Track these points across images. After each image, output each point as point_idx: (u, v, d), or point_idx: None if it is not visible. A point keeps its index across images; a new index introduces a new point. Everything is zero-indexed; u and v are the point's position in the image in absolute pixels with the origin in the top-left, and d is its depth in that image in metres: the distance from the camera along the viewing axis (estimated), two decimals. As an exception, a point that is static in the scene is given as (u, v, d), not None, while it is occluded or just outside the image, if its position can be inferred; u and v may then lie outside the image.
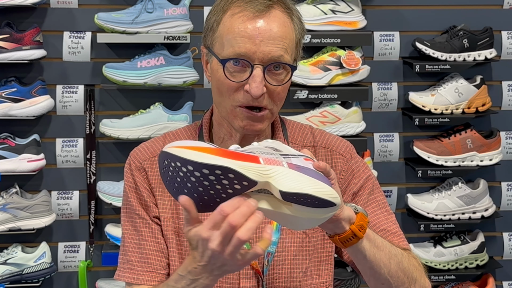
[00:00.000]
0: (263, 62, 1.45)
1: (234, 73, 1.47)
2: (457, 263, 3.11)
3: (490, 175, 3.20)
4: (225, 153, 1.18)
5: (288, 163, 1.24)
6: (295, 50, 1.52)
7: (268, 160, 1.22)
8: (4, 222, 2.85)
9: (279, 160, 1.23)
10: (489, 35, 3.07)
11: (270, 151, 1.25)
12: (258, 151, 1.24)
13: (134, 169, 1.61)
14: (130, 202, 1.62)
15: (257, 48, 1.44)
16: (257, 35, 1.44)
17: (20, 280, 2.87)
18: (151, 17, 2.88)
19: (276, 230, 1.56)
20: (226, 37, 1.47)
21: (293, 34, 1.51)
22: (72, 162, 3.03)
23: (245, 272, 1.55)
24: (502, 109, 3.21)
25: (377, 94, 3.14)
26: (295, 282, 1.58)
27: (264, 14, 1.46)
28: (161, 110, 2.91)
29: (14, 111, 2.86)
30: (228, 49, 1.46)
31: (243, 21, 1.46)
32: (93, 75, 3.00)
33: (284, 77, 1.48)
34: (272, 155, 1.24)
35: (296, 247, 1.58)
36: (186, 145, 1.19)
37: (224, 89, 1.49)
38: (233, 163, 1.17)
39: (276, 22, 1.47)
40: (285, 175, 1.22)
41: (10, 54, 2.85)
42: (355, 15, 2.99)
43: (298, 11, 1.55)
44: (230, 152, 1.20)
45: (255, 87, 1.44)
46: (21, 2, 2.82)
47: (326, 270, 1.62)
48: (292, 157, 1.26)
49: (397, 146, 3.17)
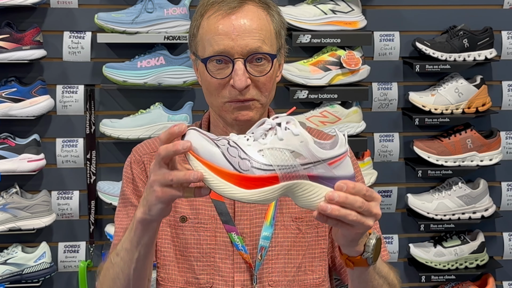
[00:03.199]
0: (243, 55, 1.50)
1: (217, 71, 1.52)
2: (457, 263, 3.11)
3: (490, 175, 3.20)
4: (244, 182, 1.21)
5: (309, 174, 1.23)
6: (275, 41, 1.56)
7: (287, 176, 1.22)
8: (4, 222, 2.85)
9: (299, 172, 1.23)
10: (489, 35, 3.07)
11: (289, 159, 1.23)
12: (274, 159, 1.22)
13: (133, 162, 1.66)
14: (125, 192, 1.66)
15: (234, 43, 1.49)
16: (232, 31, 1.50)
17: (20, 280, 2.87)
18: (151, 17, 2.88)
19: (269, 225, 1.59)
20: (205, 39, 1.53)
21: (270, 26, 1.55)
22: (72, 162, 3.03)
23: (238, 266, 1.58)
24: (502, 109, 3.21)
25: (377, 94, 3.14)
26: (288, 276, 1.60)
27: (237, 10, 1.52)
28: (161, 110, 2.91)
29: (14, 111, 2.86)
30: (208, 49, 1.52)
31: (218, 20, 1.51)
32: (93, 75, 3.00)
33: (266, 67, 1.53)
34: (291, 168, 1.23)
35: (290, 242, 1.61)
36: (200, 155, 1.21)
37: (212, 88, 1.54)
38: (253, 195, 1.21)
39: (250, 16, 1.52)
40: (304, 191, 1.24)
41: (10, 54, 2.85)
42: (355, 15, 2.99)
43: (276, 6, 1.60)
44: (249, 178, 1.21)
45: (238, 80, 1.49)
46: (21, 2, 2.82)
47: (320, 266, 1.64)
48: (315, 165, 1.24)
49: (397, 146, 3.17)
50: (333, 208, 1.20)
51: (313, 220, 1.62)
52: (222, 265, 1.58)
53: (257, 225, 1.59)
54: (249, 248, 1.58)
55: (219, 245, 1.59)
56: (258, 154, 1.22)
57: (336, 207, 1.20)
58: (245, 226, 1.59)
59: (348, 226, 1.24)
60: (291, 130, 1.23)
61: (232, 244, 1.58)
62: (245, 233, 1.59)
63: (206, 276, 1.59)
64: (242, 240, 1.58)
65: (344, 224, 1.24)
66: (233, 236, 1.58)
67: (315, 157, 1.22)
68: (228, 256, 1.59)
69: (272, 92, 1.57)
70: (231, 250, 1.59)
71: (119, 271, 1.43)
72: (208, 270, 1.59)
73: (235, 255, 1.58)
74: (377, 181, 3.05)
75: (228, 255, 1.59)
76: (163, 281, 1.63)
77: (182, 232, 1.60)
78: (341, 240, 1.33)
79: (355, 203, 1.21)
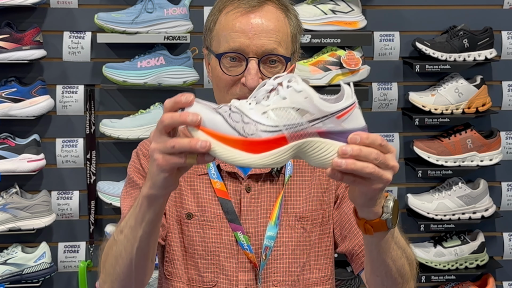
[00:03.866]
0: (257, 55, 1.49)
1: (230, 68, 1.52)
2: (457, 263, 3.11)
3: (490, 175, 3.20)
4: (251, 146, 1.15)
5: (318, 131, 1.17)
6: (290, 44, 1.56)
7: (295, 135, 1.16)
8: (4, 222, 2.85)
9: (307, 130, 1.17)
10: (489, 35, 3.07)
11: (295, 117, 1.16)
12: (279, 119, 1.16)
13: (141, 155, 1.66)
14: (133, 179, 1.63)
15: (250, 42, 1.49)
16: (250, 29, 1.49)
17: (20, 280, 2.87)
18: (151, 17, 2.88)
19: (274, 225, 1.58)
20: (221, 34, 1.52)
21: (287, 29, 1.55)
22: (72, 162, 3.03)
23: (243, 265, 1.58)
24: (502, 109, 3.21)
25: (377, 94, 3.14)
26: (293, 276, 1.60)
27: (256, 9, 1.51)
28: (161, 110, 2.90)
29: (14, 111, 2.86)
30: (224, 45, 1.51)
31: (237, 17, 1.51)
32: (93, 75, 3.00)
33: (280, 70, 1.52)
34: (298, 126, 1.16)
35: (295, 242, 1.60)
36: (204, 126, 1.14)
37: (222, 85, 1.53)
38: (262, 159, 1.15)
39: (269, 16, 1.52)
40: (315, 150, 1.17)
41: (10, 54, 2.85)
42: (355, 15, 2.99)
43: (294, 9, 1.60)
44: (256, 142, 1.15)
45: (250, 79, 1.48)
46: (21, 2, 2.82)
47: (326, 264, 1.63)
48: (323, 120, 1.16)
49: (397, 146, 3.17)
50: (348, 162, 1.14)
51: (317, 218, 1.62)
52: (227, 264, 1.58)
53: (262, 225, 1.58)
54: (254, 248, 1.58)
55: (224, 244, 1.58)
56: (263, 116, 1.16)
57: (351, 160, 1.14)
58: (250, 226, 1.58)
59: (366, 182, 1.17)
60: (293, 87, 1.17)
61: (237, 243, 1.58)
62: (251, 233, 1.58)
63: (210, 275, 1.59)
64: (247, 240, 1.57)
65: (361, 180, 1.17)
66: (239, 235, 1.57)
67: (322, 111, 1.16)
68: (233, 255, 1.58)
69: None
70: (236, 249, 1.58)
71: (122, 249, 1.39)
72: (212, 269, 1.59)
73: (240, 254, 1.58)
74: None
75: (233, 254, 1.58)
76: (170, 276, 1.62)
77: (187, 229, 1.60)
78: (359, 199, 1.25)
79: (370, 155, 1.15)
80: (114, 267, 1.42)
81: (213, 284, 1.58)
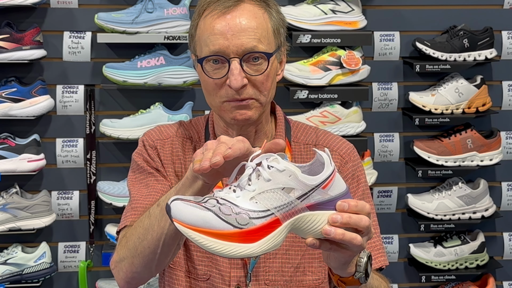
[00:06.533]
0: (238, 55, 1.49)
1: (214, 71, 1.52)
2: (457, 263, 3.11)
3: (490, 175, 3.20)
4: (248, 236, 1.15)
5: (307, 205, 1.19)
6: (273, 39, 1.55)
7: (287, 215, 1.18)
8: (4, 222, 2.85)
9: (298, 207, 1.18)
10: (489, 35, 3.07)
11: (283, 197, 1.17)
12: (269, 202, 1.17)
13: (147, 145, 1.66)
14: (140, 165, 1.64)
15: (229, 42, 1.49)
16: (227, 30, 1.49)
17: (20, 280, 2.87)
18: (151, 17, 2.88)
19: None
20: (202, 38, 1.53)
21: (267, 24, 1.54)
22: (72, 162, 3.03)
23: (235, 262, 1.58)
24: (502, 109, 3.21)
25: (377, 94, 3.13)
26: (285, 276, 1.60)
27: (232, 9, 1.51)
28: (161, 110, 2.91)
29: (14, 111, 2.86)
30: (205, 49, 1.52)
31: (214, 19, 1.51)
32: (93, 75, 3.00)
33: (264, 66, 1.52)
34: (288, 206, 1.18)
35: (288, 242, 1.60)
36: (194, 225, 1.14)
37: (210, 88, 1.54)
38: (260, 246, 1.16)
39: (246, 15, 1.51)
40: (308, 223, 1.19)
41: (10, 54, 2.85)
42: (355, 15, 2.99)
43: (276, 4, 1.59)
44: (251, 231, 1.16)
45: (234, 79, 1.48)
46: (21, 2, 2.82)
47: (320, 267, 1.63)
48: (310, 194, 1.19)
49: (397, 146, 3.17)
50: (337, 231, 1.17)
51: None
52: (220, 259, 1.58)
53: None
54: None
55: None
56: (251, 202, 1.16)
57: (341, 230, 1.17)
58: None
59: (342, 249, 1.20)
60: (275, 167, 1.17)
61: None
62: None
63: (204, 268, 1.59)
64: None
65: (337, 248, 1.20)
66: None
67: (308, 186, 1.17)
68: None
69: (272, 91, 1.57)
70: None
71: (155, 222, 1.38)
72: (206, 262, 1.59)
73: None
74: (377, 181, 3.05)
75: None
76: (173, 265, 1.63)
77: None
78: (333, 263, 1.29)
79: (359, 222, 1.18)
80: (141, 241, 1.42)
81: (207, 277, 1.59)
